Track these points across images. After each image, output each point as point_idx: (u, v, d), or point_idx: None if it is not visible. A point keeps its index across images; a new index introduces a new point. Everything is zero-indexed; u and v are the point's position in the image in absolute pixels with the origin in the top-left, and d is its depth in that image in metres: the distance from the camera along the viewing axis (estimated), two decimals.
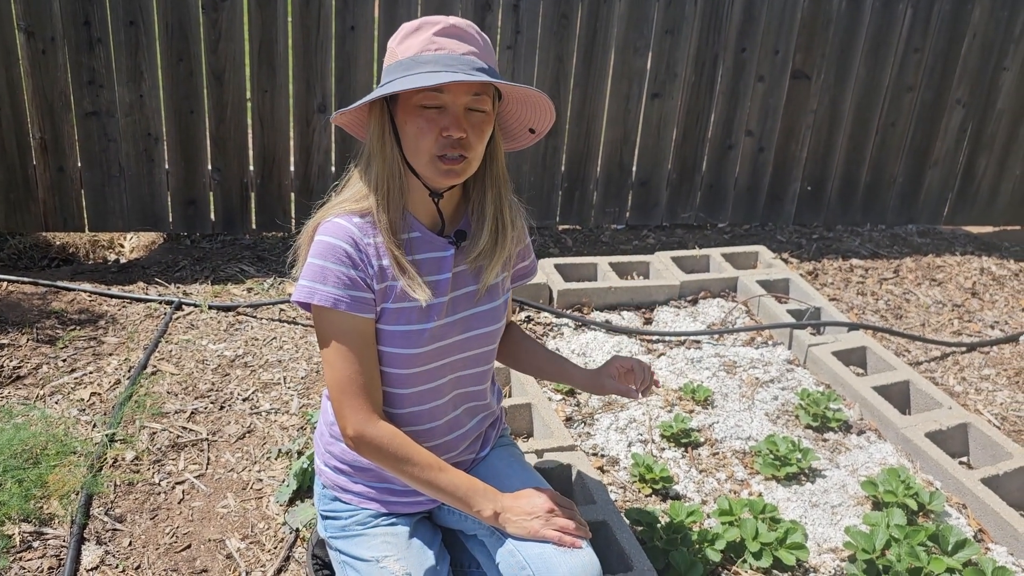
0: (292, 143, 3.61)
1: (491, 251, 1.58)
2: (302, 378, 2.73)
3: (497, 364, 1.84)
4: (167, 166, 3.52)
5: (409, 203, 1.54)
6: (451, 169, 1.44)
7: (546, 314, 3.18)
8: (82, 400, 2.52)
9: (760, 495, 2.35)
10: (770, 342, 3.15)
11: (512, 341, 1.86)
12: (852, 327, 3.18)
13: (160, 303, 3.10)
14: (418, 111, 1.43)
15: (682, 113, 3.97)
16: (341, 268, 1.46)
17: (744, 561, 2.06)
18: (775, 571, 2.07)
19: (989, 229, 4.62)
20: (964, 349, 3.27)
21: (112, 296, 3.13)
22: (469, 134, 1.43)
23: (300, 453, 2.35)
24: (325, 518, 1.74)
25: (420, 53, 1.42)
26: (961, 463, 2.57)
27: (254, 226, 3.71)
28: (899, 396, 2.81)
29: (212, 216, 3.66)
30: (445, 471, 1.53)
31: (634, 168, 4.02)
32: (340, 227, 1.48)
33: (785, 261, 3.86)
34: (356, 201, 1.50)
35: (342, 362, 1.48)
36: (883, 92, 4.12)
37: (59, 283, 3.17)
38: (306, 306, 1.52)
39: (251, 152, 3.61)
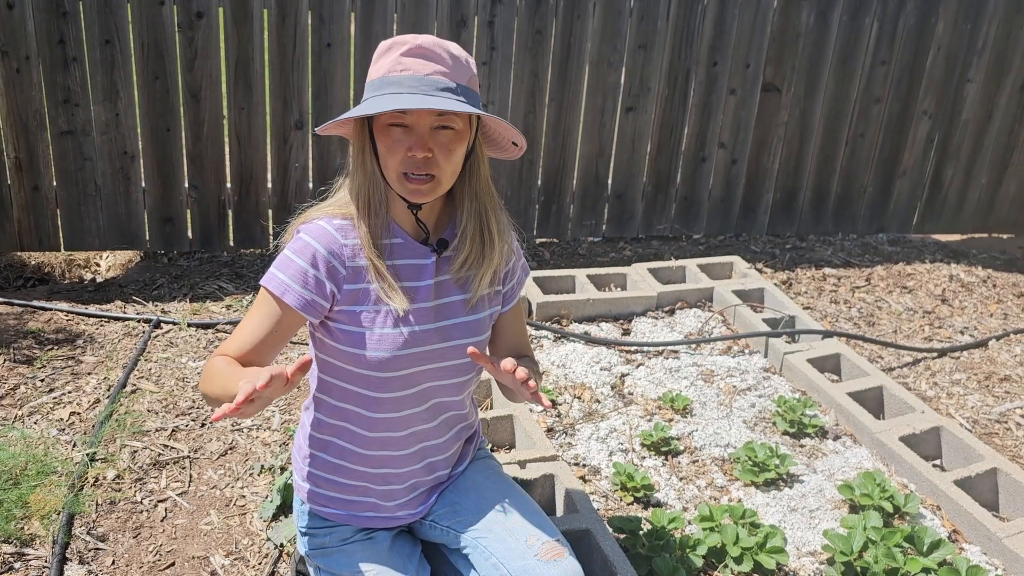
0: (269, 160, 3.62)
1: (478, 262, 1.60)
2: None
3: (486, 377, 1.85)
4: (144, 184, 3.52)
5: (392, 212, 1.57)
6: (418, 189, 1.48)
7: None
8: (61, 420, 2.51)
9: (740, 501, 2.39)
10: (746, 351, 3.20)
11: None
12: (826, 335, 3.23)
13: (138, 321, 3.09)
14: (387, 130, 1.46)
15: (656, 126, 4.02)
16: (305, 265, 1.50)
17: (725, 566, 2.08)
18: (756, 575, 2.10)
19: (957, 237, 4.72)
20: (935, 355, 3.34)
21: (89, 315, 3.11)
22: (436, 153, 1.45)
23: (283, 469, 2.36)
24: (304, 534, 1.75)
25: (387, 74, 1.46)
26: (935, 466, 2.62)
27: (232, 243, 3.71)
28: (873, 401, 2.86)
29: (189, 234, 3.65)
30: (216, 379, 1.42)
31: (610, 181, 4.07)
32: (319, 229, 1.52)
33: (759, 271, 3.92)
34: (339, 207, 1.55)
35: (247, 331, 1.50)
36: (852, 104, 4.21)
37: (35, 303, 3.15)
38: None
39: (228, 169, 3.61)
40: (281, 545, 2.08)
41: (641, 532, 2.11)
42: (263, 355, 1.51)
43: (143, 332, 3.03)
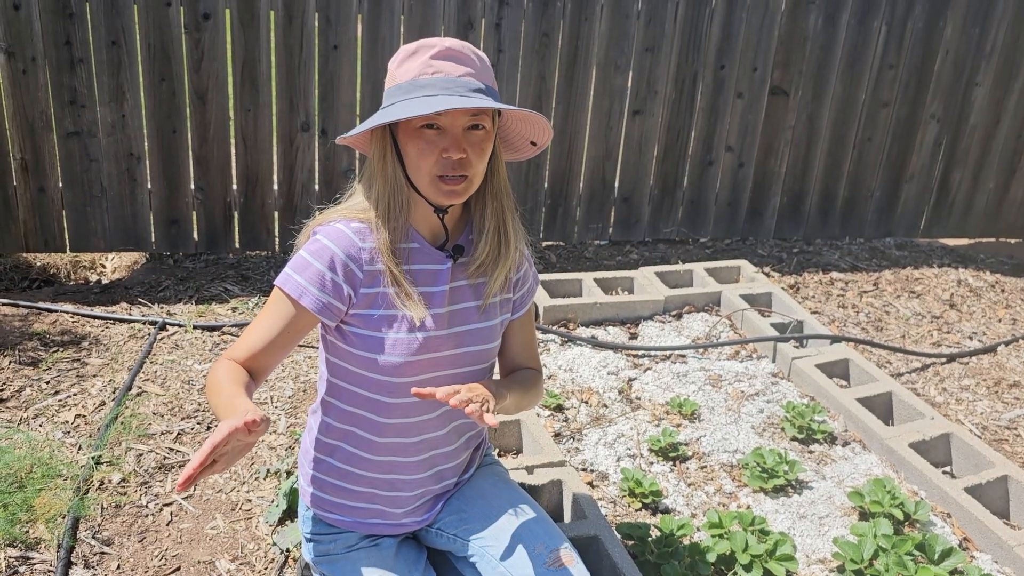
0: (275, 162, 3.61)
1: (494, 263, 1.59)
2: (289, 397, 2.72)
3: None
4: (149, 185, 3.51)
5: (412, 217, 1.56)
6: (452, 190, 1.47)
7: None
8: (67, 422, 2.50)
9: (748, 507, 2.37)
10: (754, 355, 3.18)
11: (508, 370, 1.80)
12: (834, 340, 3.21)
13: (144, 323, 3.08)
14: (418, 133, 1.45)
15: (663, 130, 4.01)
16: (322, 268, 1.48)
17: (735, 573, 2.07)
18: None
19: (965, 241, 4.70)
20: (944, 360, 3.32)
21: (95, 317, 3.10)
22: (469, 153, 1.45)
23: (289, 473, 2.34)
24: (309, 540, 1.73)
25: (418, 77, 1.45)
26: (944, 472, 2.60)
27: (237, 245, 3.70)
28: (882, 407, 2.85)
29: (195, 235, 3.64)
30: (221, 393, 1.40)
31: (616, 184, 4.06)
32: (337, 231, 1.50)
33: (767, 275, 3.90)
34: (357, 211, 1.53)
35: (257, 327, 1.50)
36: (859, 108, 4.19)
37: (40, 304, 3.14)
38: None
39: (234, 171, 3.60)
40: (287, 550, 2.07)
41: (650, 539, 2.09)
42: (273, 356, 1.51)
43: (148, 334, 3.02)
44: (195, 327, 3.07)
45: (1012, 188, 4.55)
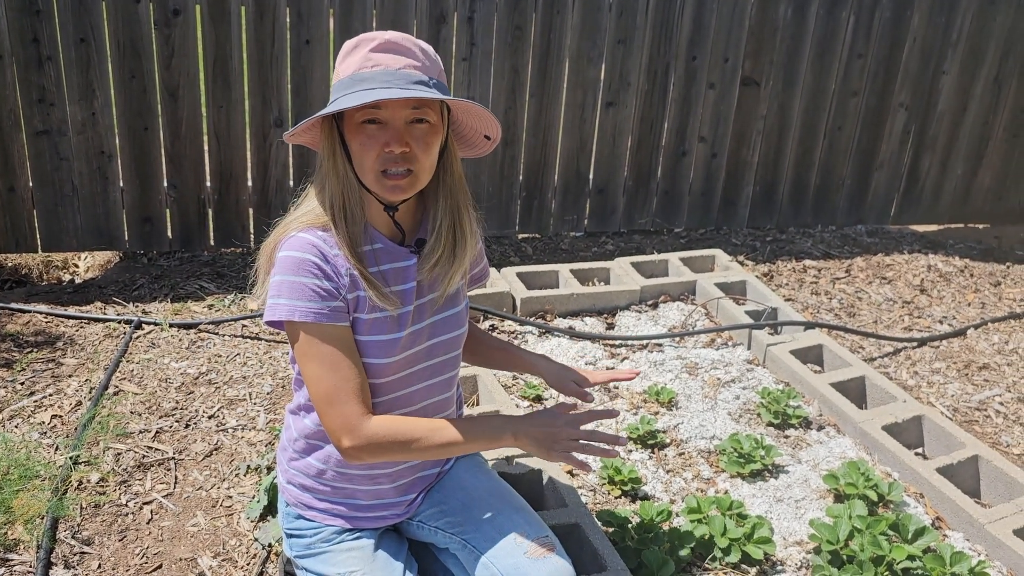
0: (249, 158, 3.59)
1: (449, 260, 1.59)
2: (268, 393, 2.72)
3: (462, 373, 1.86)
4: (122, 184, 3.48)
5: (369, 216, 1.55)
6: (396, 185, 1.45)
7: (510, 322, 3.21)
8: (43, 423, 2.48)
9: (726, 492, 2.40)
10: (730, 343, 3.22)
11: (474, 339, 1.89)
12: (808, 326, 3.26)
13: (119, 323, 3.06)
14: (360, 128, 1.43)
15: (636, 121, 4.03)
16: (315, 281, 1.45)
17: (714, 557, 2.10)
18: (744, 565, 2.11)
19: (934, 227, 4.77)
20: (915, 344, 3.38)
21: (69, 317, 3.08)
22: (413, 147, 1.44)
23: (269, 469, 2.34)
24: (290, 536, 1.74)
25: (358, 71, 1.43)
26: (917, 454, 2.65)
27: (212, 242, 3.68)
28: (856, 391, 2.89)
29: (169, 233, 3.62)
30: (449, 427, 1.52)
31: (591, 176, 4.08)
32: (304, 240, 1.47)
33: (741, 263, 3.94)
34: (316, 216, 1.50)
35: (329, 373, 1.47)
36: (829, 97, 4.24)
37: (12, 305, 3.11)
38: (278, 324, 1.51)
39: (208, 168, 3.58)
40: (269, 545, 2.07)
41: (630, 525, 2.12)
42: (361, 375, 1.50)
43: (124, 333, 3.00)
44: (171, 325, 3.06)
45: (979, 174, 4.63)
